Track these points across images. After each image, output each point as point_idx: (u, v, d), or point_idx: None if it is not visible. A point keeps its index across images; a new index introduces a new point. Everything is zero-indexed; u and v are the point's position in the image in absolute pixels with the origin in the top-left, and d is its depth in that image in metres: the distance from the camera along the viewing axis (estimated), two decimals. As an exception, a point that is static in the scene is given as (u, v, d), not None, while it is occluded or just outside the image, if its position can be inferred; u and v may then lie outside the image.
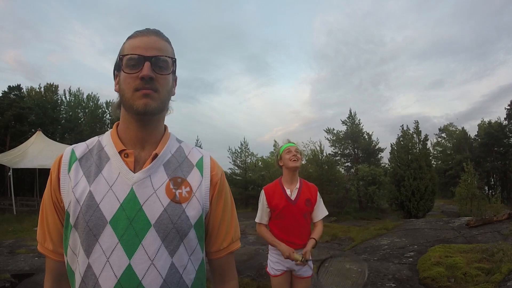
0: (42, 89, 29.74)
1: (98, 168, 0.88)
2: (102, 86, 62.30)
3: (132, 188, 0.85)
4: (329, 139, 30.69)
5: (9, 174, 15.39)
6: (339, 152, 30.76)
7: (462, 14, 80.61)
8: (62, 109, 29.95)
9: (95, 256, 0.81)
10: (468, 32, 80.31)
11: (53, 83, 30.14)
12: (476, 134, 38.31)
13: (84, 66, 61.14)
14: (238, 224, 1.05)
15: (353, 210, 21.01)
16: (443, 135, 42.43)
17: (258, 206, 2.62)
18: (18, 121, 23.10)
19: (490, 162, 34.53)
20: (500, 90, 61.99)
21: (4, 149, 20.21)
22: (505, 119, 33.74)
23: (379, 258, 5.99)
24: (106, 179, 0.86)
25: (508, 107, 33.15)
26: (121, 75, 0.88)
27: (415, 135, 19.85)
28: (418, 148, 19.26)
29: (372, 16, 78.71)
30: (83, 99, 31.00)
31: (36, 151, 16.32)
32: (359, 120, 30.01)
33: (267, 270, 2.63)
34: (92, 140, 0.96)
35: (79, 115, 30.42)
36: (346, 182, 23.31)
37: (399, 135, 19.89)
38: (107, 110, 31.17)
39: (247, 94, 73.37)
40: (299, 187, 2.57)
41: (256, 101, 73.36)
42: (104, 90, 55.15)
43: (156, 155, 0.90)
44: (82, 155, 0.91)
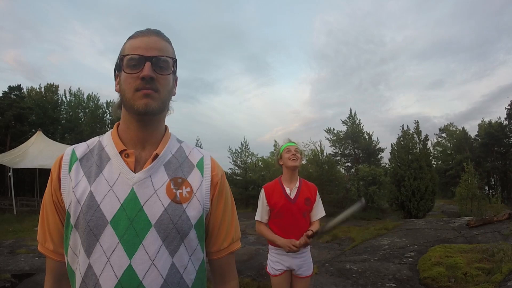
0: (43, 89, 29.79)
1: (98, 168, 0.88)
2: (102, 86, 62.46)
3: (132, 188, 0.85)
4: (329, 139, 30.77)
5: (9, 174, 15.40)
6: (339, 152, 30.79)
7: (462, 14, 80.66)
8: (62, 109, 29.99)
9: (95, 256, 0.81)
10: (468, 32, 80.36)
11: (53, 83, 30.22)
12: (476, 134, 38.37)
13: (84, 66, 61.26)
14: (238, 224, 1.05)
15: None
16: (444, 135, 42.50)
17: (258, 204, 2.64)
18: (18, 121, 23.12)
19: (490, 162, 34.54)
20: (500, 90, 62.10)
21: (5, 149, 20.23)
22: (505, 119, 33.76)
23: (380, 258, 5.99)
24: (106, 179, 0.86)
25: (508, 107, 33.17)
26: (121, 75, 0.88)
27: (415, 135, 19.86)
28: (418, 148, 19.25)
29: (372, 16, 78.74)
30: (84, 99, 31.04)
31: (37, 151, 16.33)
32: (359, 120, 30.11)
33: (267, 269, 2.63)
34: (93, 140, 0.96)
35: (80, 115, 30.45)
36: (346, 182, 23.28)
37: (399, 135, 19.90)
38: (107, 110, 31.20)
39: (247, 94, 73.46)
40: (298, 186, 2.58)
41: (256, 101, 73.46)
42: (105, 90, 55.24)
43: (156, 155, 0.90)
44: (82, 155, 0.91)
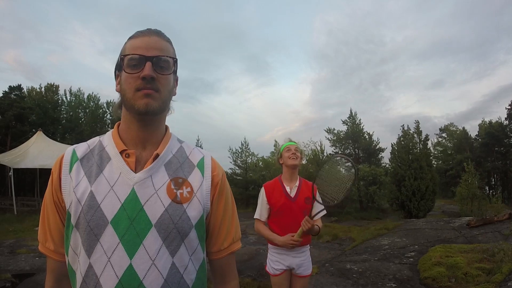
0: (43, 89, 29.75)
1: (99, 168, 0.88)
2: (103, 86, 62.45)
3: (133, 188, 0.85)
4: (329, 139, 30.72)
5: (9, 174, 15.40)
6: (339, 152, 30.77)
7: (462, 14, 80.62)
8: (62, 109, 29.97)
9: (96, 256, 0.81)
10: (468, 32, 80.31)
11: (53, 83, 30.16)
12: (476, 134, 38.29)
13: (84, 66, 61.11)
14: (239, 224, 1.05)
15: (353, 210, 20.94)
16: (444, 135, 42.44)
17: (258, 202, 2.64)
18: (18, 121, 23.13)
19: (490, 162, 34.50)
20: (501, 90, 62.04)
21: (5, 149, 20.23)
22: (505, 119, 33.71)
23: (380, 258, 5.98)
24: (107, 179, 0.86)
25: (509, 107, 33.10)
26: (122, 75, 0.88)
27: (415, 135, 19.83)
28: (418, 148, 19.23)
29: (372, 16, 78.76)
30: (84, 99, 31.02)
31: (37, 151, 16.32)
32: (359, 120, 30.04)
33: (267, 269, 2.63)
34: (93, 140, 0.96)
35: (80, 115, 30.43)
36: (346, 183, 23.22)
37: (400, 135, 19.86)
38: (107, 110, 31.20)
39: (247, 94, 73.36)
40: (298, 185, 2.60)
41: (256, 101, 73.37)
42: (105, 90, 55.27)
43: (157, 155, 0.90)
44: (83, 155, 0.91)
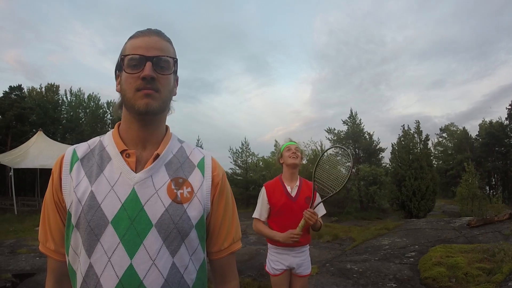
0: (43, 89, 29.74)
1: (99, 168, 0.88)
2: (103, 86, 62.54)
3: (133, 188, 0.85)
4: (330, 139, 30.61)
5: (10, 174, 15.41)
6: (340, 152, 30.72)
7: (463, 14, 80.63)
8: (63, 109, 29.98)
9: (96, 256, 0.81)
10: (468, 32, 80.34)
11: (54, 83, 30.16)
12: (477, 134, 38.22)
13: (84, 66, 61.09)
14: (239, 224, 1.05)
15: (354, 210, 20.97)
16: (444, 135, 42.34)
17: (258, 202, 2.62)
18: (19, 121, 23.13)
19: (491, 162, 34.45)
20: (501, 90, 62.11)
21: (5, 149, 20.25)
22: (506, 119, 33.68)
23: (380, 258, 5.98)
24: (107, 179, 0.86)
25: (509, 107, 33.07)
26: (122, 75, 0.88)
27: (416, 135, 19.86)
28: (419, 148, 19.25)
29: (372, 16, 78.76)
30: (84, 99, 31.03)
31: (37, 151, 16.33)
32: (360, 120, 29.92)
33: (266, 269, 2.63)
34: (94, 140, 0.96)
35: (80, 115, 30.44)
36: (347, 182, 23.26)
37: (400, 135, 19.89)
38: (108, 110, 31.21)
39: (248, 94, 73.32)
40: (299, 185, 2.60)
41: (256, 101, 73.32)
42: (105, 90, 55.25)
43: (157, 155, 0.90)
44: (83, 155, 0.91)
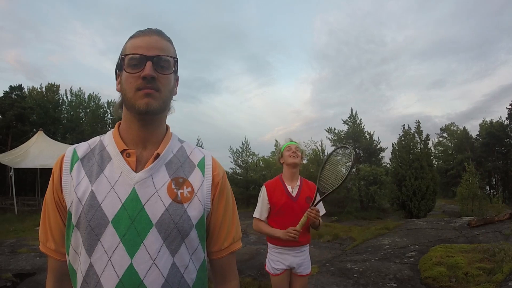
0: (44, 89, 29.73)
1: (100, 167, 0.88)
2: (103, 86, 62.57)
3: (134, 187, 0.85)
4: (330, 138, 30.60)
5: (10, 174, 15.43)
6: (340, 151, 30.69)
7: (463, 13, 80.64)
8: (63, 109, 29.99)
9: (97, 255, 0.81)
10: (469, 31, 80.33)
11: (54, 83, 30.15)
12: (477, 133, 38.21)
13: (85, 66, 61.10)
14: (239, 224, 1.05)
15: (354, 210, 20.97)
16: (445, 134, 42.31)
17: (258, 201, 2.62)
18: (19, 121, 23.13)
19: (491, 162, 34.44)
20: (501, 89, 62.14)
21: (6, 149, 20.25)
22: (506, 118, 33.66)
23: (380, 258, 5.98)
24: (108, 179, 0.86)
25: (510, 107, 33.07)
26: (123, 75, 0.88)
27: (416, 135, 19.85)
28: (419, 148, 19.24)
29: (372, 16, 78.82)
30: (85, 99, 31.01)
31: (38, 151, 16.34)
32: (360, 119, 29.91)
33: (266, 268, 2.63)
34: (94, 140, 0.96)
35: (81, 115, 30.43)
36: (347, 182, 23.31)
37: (401, 134, 19.88)
38: (108, 110, 31.20)
39: (248, 94, 73.35)
40: (299, 185, 2.60)
41: (257, 100, 73.35)
42: (105, 90, 55.30)
43: (158, 155, 0.90)
44: (84, 155, 0.91)
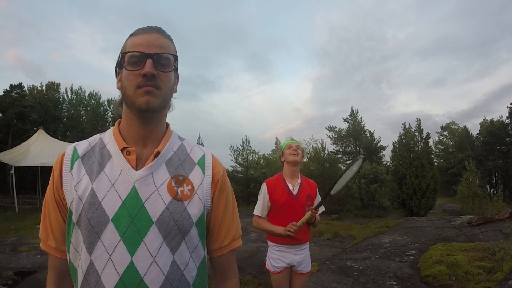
0: (44, 87, 29.69)
1: (100, 165, 0.88)
2: (104, 84, 62.58)
3: (134, 185, 0.85)
4: (330, 136, 30.68)
5: (11, 172, 15.45)
6: (340, 150, 30.69)
7: (464, 12, 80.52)
8: (64, 107, 29.97)
9: (97, 253, 0.81)
10: (470, 30, 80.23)
11: (54, 81, 30.10)
12: (478, 132, 38.13)
13: (85, 64, 61.12)
14: (239, 222, 1.05)
15: (354, 208, 20.96)
16: (445, 133, 42.24)
17: (258, 199, 2.61)
18: (20, 119, 23.12)
19: (492, 160, 34.37)
20: (502, 88, 62.03)
21: (6, 147, 20.26)
22: (507, 117, 33.57)
23: (381, 256, 5.99)
24: (108, 177, 0.86)
25: (511, 106, 32.96)
26: (123, 73, 0.88)
27: (417, 133, 19.77)
28: (420, 146, 19.17)
29: (373, 14, 78.89)
30: (85, 97, 30.99)
31: (38, 149, 16.34)
32: (361, 118, 29.97)
33: (266, 266, 2.63)
34: (94, 138, 0.96)
35: (81, 113, 30.41)
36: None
37: (401, 133, 19.81)
38: (108, 108, 31.16)
39: (249, 92, 73.34)
40: (300, 183, 2.60)
41: (257, 98, 73.31)
42: (106, 88, 55.05)
43: (158, 153, 0.90)
44: (84, 153, 0.91)
